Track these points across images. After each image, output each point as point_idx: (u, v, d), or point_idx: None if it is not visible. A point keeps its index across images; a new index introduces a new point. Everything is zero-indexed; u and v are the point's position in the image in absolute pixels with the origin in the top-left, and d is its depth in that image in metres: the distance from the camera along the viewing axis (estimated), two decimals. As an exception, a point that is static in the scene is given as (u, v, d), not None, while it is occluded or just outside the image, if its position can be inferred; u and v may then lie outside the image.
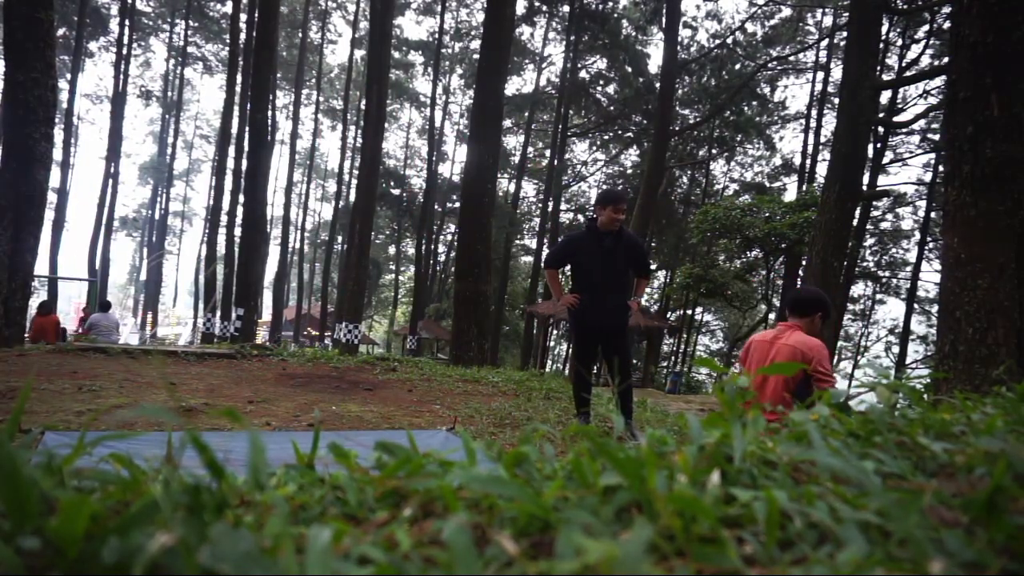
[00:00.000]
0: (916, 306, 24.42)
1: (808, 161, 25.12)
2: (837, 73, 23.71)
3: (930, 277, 23.46)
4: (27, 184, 6.52)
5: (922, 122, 20.30)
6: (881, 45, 14.45)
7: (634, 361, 22.12)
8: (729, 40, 25.44)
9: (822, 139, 24.31)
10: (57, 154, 23.91)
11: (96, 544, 0.30)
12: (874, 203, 21.78)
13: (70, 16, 24.64)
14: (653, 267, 32.36)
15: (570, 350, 5.88)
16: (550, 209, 25.88)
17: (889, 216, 25.73)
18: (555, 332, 24.05)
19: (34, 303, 9.33)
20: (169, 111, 36.69)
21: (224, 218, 20.69)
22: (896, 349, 24.63)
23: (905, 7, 14.09)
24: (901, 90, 20.63)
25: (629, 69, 25.94)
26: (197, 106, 45.87)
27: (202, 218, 39.23)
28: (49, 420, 3.57)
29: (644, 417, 5.83)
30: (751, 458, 0.47)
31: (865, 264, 25.05)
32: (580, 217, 33.70)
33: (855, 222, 13.84)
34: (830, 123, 22.77)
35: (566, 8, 25.36)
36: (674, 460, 0.46)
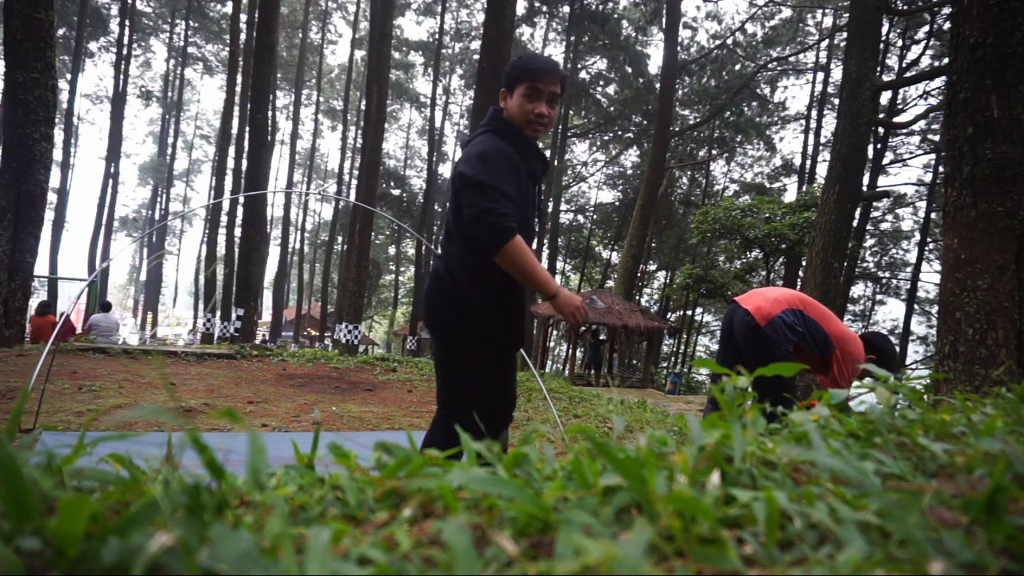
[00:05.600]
0: (916, 307, 24.45)
1: (808, 161, 25.16)
2: (837, 73, 23.75)
3: (930, 278, 23.51)
4: (27, 184, 6.53)
5: (922, 123, 20.34)
6: (881, 45, 14.45)
7: (634, 362, 22.16)
8: (729, 41, 25.49)
9: (822, 139, 24.35)
10: (57, 154, 23.96)
11: (96, 544, 0.30)
12: (874, 204, 21.80)
13: (70, 16, 24.65)
14: (654, 266, 32.57)
15: (487, 380, 1.95)
16: (550, 209, 25.88)
17: (889, 217, 25.78)
18: (555, 332, 24.06)
19: (34, 303, 9.34)
20: (169, 111, 36.70)
21: (224, 218, 20.70)
22: (896, 350, 24.63)
23: (905, 7, 14.10)
24: (901, 90, 20.65)
25: (629, 70, 25.97)
26: (197, 106, 45.89)
27: (202, 218, 39.25)
28: (49, 420, 3.57)
29: (644, 418, 5.83)
30: (751, 459, 0.47)
31: (865, 265, 25.08)
32: (580, 217, 33.67)
33: (855, 223, 13.85)
34: (830, 123, 22.82)
35: (566, 8, 25.38)
36: (674, 461, 0.46)
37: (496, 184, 1.75)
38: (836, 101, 21.66)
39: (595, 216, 33.01)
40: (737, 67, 25.85)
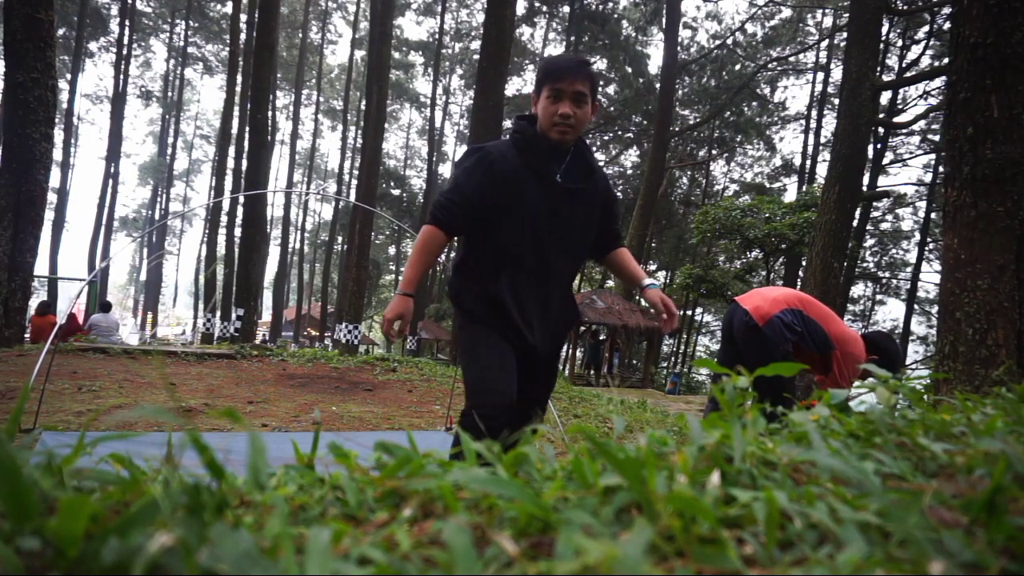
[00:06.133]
0: (916, 307, 24.44)
1: (808, 161, 25.18)
2: (837, 73, 23.76)
3: (930, 278, 23.51)
4: (27, 184, 6.52)
5: (922, 123, 20.34)
6: (881, 45, 14.46)
7: (634, 362, 22.14)
8: (729, 41, 25.50)
9: (822, 139, 24.36)
10: (57, 154, 23.98)
11: (96, 544, 0.30)
12: (874, 204, 21.80)
13: (70, 16, 24.65)
14: (657, 265, 32.47)
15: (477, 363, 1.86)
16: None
17: (889, 217, 25.78)
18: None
19: (34, 303, 9.34)
20: (169, 111, 36.72)
21: (224, 218, 20.70)
22: (899, 350, 24.66)
23: (905, 7, 14.10)
24: (901, 90, 20.65)
25: (629, 70, 25.99)
26: (197, 106, 45.91)
27: (202, 218, 39.24)
28: (49, 420, 3.57)
29: (644, 418, 5.83)
30: (751, 459, 0.47)
31: (865, 265, 25.07)
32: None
33: (855, 223, 13.84)
34: (830, 123, 22.83)
35: (566, 8, 25.39)
36: (674, 461, 0.46)
37: (455, 178, 1.92)
38: (836, 101, 21.67)
39: (595, 216, 32.94)
40: (737, 67, 25.87)
